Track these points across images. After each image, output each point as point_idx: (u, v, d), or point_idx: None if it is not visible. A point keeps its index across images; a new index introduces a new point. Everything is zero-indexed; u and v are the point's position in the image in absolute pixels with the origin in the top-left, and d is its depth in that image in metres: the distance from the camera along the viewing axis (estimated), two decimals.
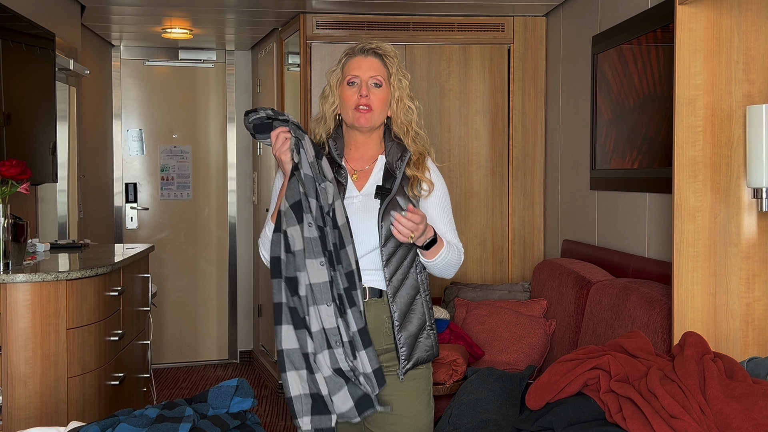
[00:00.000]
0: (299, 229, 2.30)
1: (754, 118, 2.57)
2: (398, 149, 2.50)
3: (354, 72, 2.45)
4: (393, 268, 2.43)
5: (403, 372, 2.45)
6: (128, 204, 6.75)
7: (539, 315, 4.33)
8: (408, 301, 2.47)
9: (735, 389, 2.16)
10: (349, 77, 2.45)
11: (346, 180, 2.46)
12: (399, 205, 2.44)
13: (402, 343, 2.45)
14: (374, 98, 2.44)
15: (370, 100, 2.43)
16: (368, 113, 2.44)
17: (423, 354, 2.49)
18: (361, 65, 2.45)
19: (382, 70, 2.46)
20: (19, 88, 3.94)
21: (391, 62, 2.47)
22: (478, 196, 5.24)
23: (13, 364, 3.07)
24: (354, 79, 2.44)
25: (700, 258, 2.70)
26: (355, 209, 2.43)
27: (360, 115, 2.43)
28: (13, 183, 3.18)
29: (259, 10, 5.30)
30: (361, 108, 2.43)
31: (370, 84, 2.44)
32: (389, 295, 2.43)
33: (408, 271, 2.47)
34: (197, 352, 6.94)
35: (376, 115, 2.45)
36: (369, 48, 2.47)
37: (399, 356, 2.45)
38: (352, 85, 2.45)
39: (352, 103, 2.44)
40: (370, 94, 2.43)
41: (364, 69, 2.45)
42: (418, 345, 2.48)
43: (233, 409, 2.33)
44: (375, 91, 2.44)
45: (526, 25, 5.20)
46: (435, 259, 2.44)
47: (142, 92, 6.78)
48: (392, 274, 2.43)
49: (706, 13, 2.68)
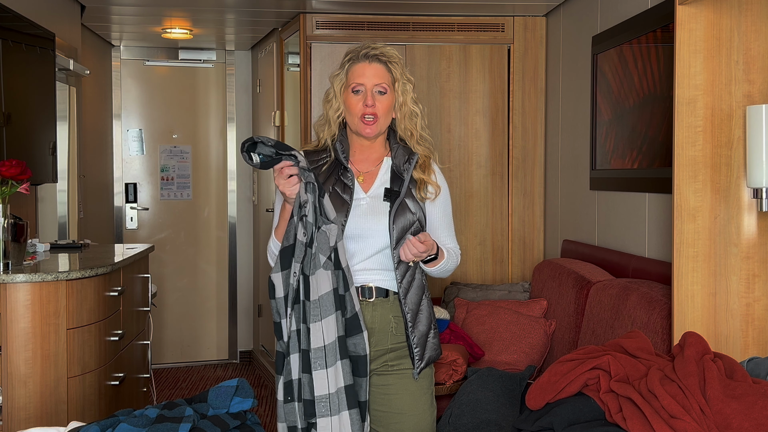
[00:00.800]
0: (280, 277, 2.32)
1: (754, 118, 2.57)
2: (404, 152, 2.51)
3: (358, 80, 2.44)
4: (404, 269, 2.47)
5: (417, 372, 2.49)
6: (128, 204, 6.75)
7: (539, 315, 4.33)
8: (417, 301, 2.50)
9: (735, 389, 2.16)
10: (353, 85, 2.45)
11: (353, 183, 2.47)
12: (408, 208, 2.46)
13: (416, 343, 2.48)
14: (379, 106, 2.45)
15: (376, 109, 2.44)
16: (374, 124, 2.45)
17: (433, 353, 2.54)
18: (366, 72, 2.44)
19: (386, 76, 2.46)
20: (19, 88, 3.94)
21: (395, 68, 2.46)
22: (478, 196, 5.24)
23: (13, 364, 3.07)
24: (358, 87, 2.44)
25: (700, 258, 2.70)
26: (363, 211, 2.45)
27: (366, 125, 2.45)
28: (13, 183, 3.18)
29: (259, 10, 5.30)
30: (366, 119, 2.44)
31: (375, 92, 2.44)
32: (401, 296, 2.46)
33: (415, 273, 2.51)
34: (197, 352, 6.94)
35: (381, 123, 2.47)
36: (373, 54, 2.46)
37: (413, 356, 2.48)
38: (357, 93, 2.45)
39: (357, 112, 2.45)
40: (375, 103, 2.44)
41: (369, 76, 2.44)
42: (428, 344, 2.53)
43: (233, 409, 2.33)
44: (380, 99, 2.45)
45: (526, 25, 5.20)
46: (434, 269, 2.49)
47: (142, 92, 6.78)
48: (403, 275, 2.47)
49: (706, 13, 2.68)
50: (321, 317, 2.27)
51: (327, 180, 2.48)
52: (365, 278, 2.46)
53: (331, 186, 2.46)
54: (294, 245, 2.29)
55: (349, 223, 2.43)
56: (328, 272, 2.28)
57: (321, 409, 2.27)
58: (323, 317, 2.27)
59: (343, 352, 2.29)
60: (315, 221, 2.28)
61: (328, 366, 2.26)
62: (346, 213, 2.42)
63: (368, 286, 2.46)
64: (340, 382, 2.28)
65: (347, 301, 2.32)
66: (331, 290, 2.28)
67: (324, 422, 2.27)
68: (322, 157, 2.53)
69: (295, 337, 2.30)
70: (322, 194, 2.30)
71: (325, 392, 2.27)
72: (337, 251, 2.30)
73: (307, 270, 2.28)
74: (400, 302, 2.47)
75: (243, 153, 2.26)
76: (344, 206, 2.43)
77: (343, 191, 2.45)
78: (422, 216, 2.48)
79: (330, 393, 2.27)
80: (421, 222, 2.48)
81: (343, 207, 2.43)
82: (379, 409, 2.50)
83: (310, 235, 2.28)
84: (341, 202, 2.43)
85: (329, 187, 2.46)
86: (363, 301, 2.45)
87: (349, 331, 2.32)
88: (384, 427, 2.50)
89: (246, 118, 6.89)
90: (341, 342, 2.29)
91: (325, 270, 2.28)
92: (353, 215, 2.43)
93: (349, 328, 2.32)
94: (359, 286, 2.45)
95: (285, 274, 2.31)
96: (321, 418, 2.27)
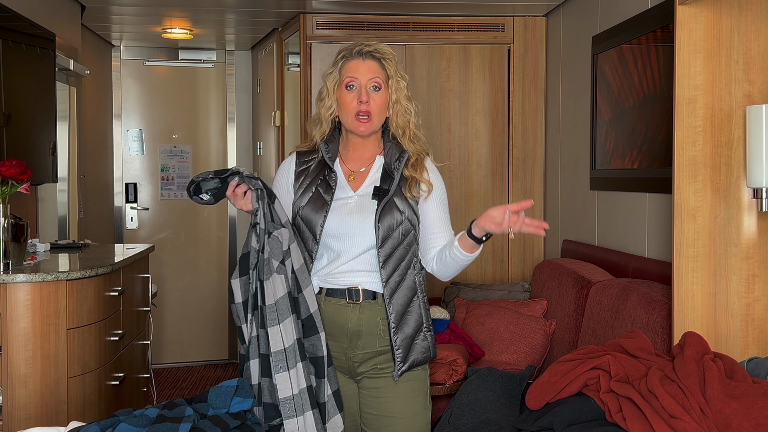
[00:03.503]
0: (239, 283, 2.37)
1: (754, 118, 2.57)
2: (396, 150, 2.48)
3: (352, 74, 2.42)
4: (390, 269, 2.42)
5: (398, 374, 2.45)
6: (128, 204, 6.75)
7: (539, 315, 4.33)
8: (405, 302, 2.46)
9: (735, 389, 2.16)
10: (347, 80, 2.42)
11: (335, 183, 2.45)
12: (396, 207, 2.43)
13: (398, 345, 2.44)
14: (373, 103, 2.42)
15: (370, 106, 2.41)
16: (368, 122, 2.42)
17: (419, 356, 2.48)
18: (359, 68, 2.42)
19: (380, 72, 2.43)
20: (19, 88, 3.94)
21: (389, 65, 2.44)
22: (478, 197, 5.24)
23: (13, 364, 3.07)
24: (352, 82, 2.42)
25: (700, 258, 2.70)
26: (350, 209, 2.43)
27: (360, 123, 2.42)
28: (13, 183, 3.18)
29: (259, 10, 5.30)
30: (361, 117, 2.41)
31: (369, 88, 2.42)
32: (386, 296, 2.42)
33: (405, 273, 2.46)
34: (197, 352, 6.94)
35: (375, 121, 2.44)
36: (367, 51, 2.43)
37: (395, 358, 2.44)
38: (351, 89, 2.42)
39: (351, 110, 2.42)
40: (369, 99, 2.41)
41: (363, 72, 2.42)
42: (415, 347, 2.47)
43: (233, 409, 2.33)
44: (374, 95, 2.42)
45: (526, 25, 5.20)
46: (474, 255, 2.39)
47: (142, 92, 6.78)
48: (389, 275, 2.42)
49: (706, 13, 2.68)
50: (278, 321, 2.31)
51: (313, 180, 2.47)
52: (352, 280, 2.44)
53: (315, 186, 2.46)
54: (248, 254, 2.36)
55: (334, 222, 2.41)
56: (281, 276, 2.31)
57: (286, 410, 2.30)
58: (281, 321, 2.31)
59: (302, 353, 2.33)
60: (266, 227, 2.32)
61: (290, 368, 2.31)
62: (324, 213, 2.42)
63: (355, 288, 2.43)
64: (302, 383, 2.31)
65: (301, 303, 2.35)
66: (286, 293, 2.32)
67: (291, 424, 2.30)
68: (313, 157, 2.52)
69: (255, 343, 2.35)
70: (272, 200, 2.35)
71: (289, 394, 2.30)
72: (291, 253, 2.34)
73: (261, 275, 2.33)
74: (384, 302, 2.43)
75: (192, 198, 2.34)
76: (324, 207, 2.42)
77: (326, 191, 2.44)
78: (413, 215, 2.44)
79: (294, 394, 2.31)
80: (411, 221, 2.43)
81: (323, 207, 2.42)
82: (371, 413, 2.48)
83: (262, 241, 2.32)
84: (322, 203, 2.42)
85: (313, 186, 2.46)
86: (350, 303, 2.43)
87: (306, 332, 2.35)
88: (375, 430, 2.48)
89: (246, 118, 6.89)
90: (299, 344, 2.33)
91: (278, 274, 2.31)
92: (339, 213, 2.41)
93: (305, 329, 2.35)
94: (346, 289, 2.44)
95: (243, 280, 2.36)
96: (287, 420, 2.31)
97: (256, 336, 2.34)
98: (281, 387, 2.30)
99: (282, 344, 2.30)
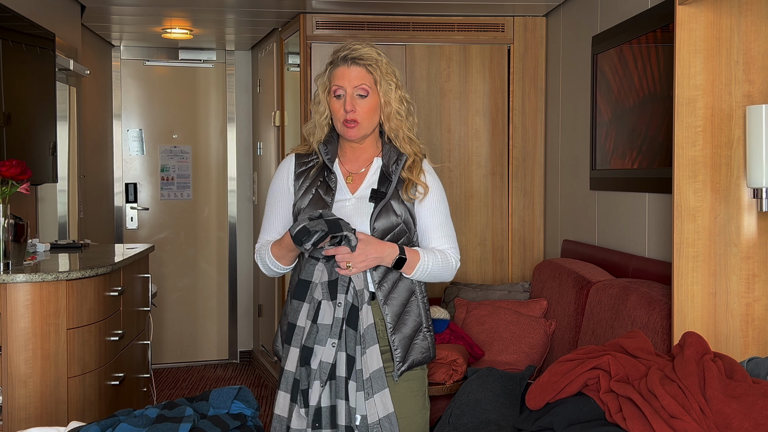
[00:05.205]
0: (332, 305, 2.35)
1: (754, 118, 2.57)
2: (394, 152, 2.48)
3: (338, 82, 2.42)
4: (382, 271, 2.43)
5: (398, 374, 2.45)
6: (128, 204, 6.75)
7: (539, 315, 4.33)
8: (401, 303, 2.46)
9: (735, 389, 2.16)
10: (334, 88, 2.43)
11: (335, 185, 2.46)
12: (393, 210, 2.43)
13: (396, 345, 2.44)
14: (360, 110, 2.41)
15: (356, 114, 2.41)
16: (355, 128, 2.43)
17: (419, 356, 2.49)
18: (345, 75, 2.42)
19: (367, 77, 2.42)
20: (19, 88, 3.94)
21: (375, 70, 2.42)
22: (478, 196, 5.24)
23: (13, 364, 3.07)
24: (339, 90, 2.42)
25: (700, 258, 2.70)
26: (347, 212, 2.43)
27: (347, 129, 2.43)
28: (13, 183, 3.18)
29: (259, 10, 5.30)
30: (348, 124, 2.42)
31: (354, 96, 2.41)
32: (380, 298, 2.43)
33: (401, 274, 2.46)
34: (197, 352, 6.94)
35: (364, 127, 2.44)
36: (351, 57, 2.42)
37: (393, 358, 2.45)
38: (339, 97, 2.43)
39: (339, 116, 2.43)
40: (355, 107, 2.41)
41: (349, 79, 2.41)
42: (414, 347, 2.48)
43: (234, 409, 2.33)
44: (361, 102, 2.41)
45: (526, 26, 5.20)
46: (414, 274, 2.45)
47: (142, 92, 6.78)
48: (381, 277, 2.43)
49: (705, 13, 2.68)
50: (366, 346, 2.35)
51: (313, 181, 2.48)
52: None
53: (315, 188, 2.46)
54: (337, 280, 2.37)
55: None
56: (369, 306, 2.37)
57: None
58: (368, 346, 2.35)
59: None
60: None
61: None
62: None
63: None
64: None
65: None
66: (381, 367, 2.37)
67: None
68: (312, 159, 2.53)
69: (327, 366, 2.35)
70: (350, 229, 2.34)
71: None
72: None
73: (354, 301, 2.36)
74: (379, 303, 2.43)
75: (294, 240, 2.32)
76: (324, 208, 2.42)
77: (326, 193, 2.45)
78: (409, 218, 2.45)
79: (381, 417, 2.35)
80: (407, 224, 2.45)
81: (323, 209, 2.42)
82: None
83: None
84: (322, 205, 2.43)
85: (313, 188, 2.46)
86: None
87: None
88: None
89: (246, 118, 6.89)
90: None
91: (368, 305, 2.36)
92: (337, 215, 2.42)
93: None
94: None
95: (333, 303, 2.36)
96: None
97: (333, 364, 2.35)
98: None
99: (368, 371, 2.35)
